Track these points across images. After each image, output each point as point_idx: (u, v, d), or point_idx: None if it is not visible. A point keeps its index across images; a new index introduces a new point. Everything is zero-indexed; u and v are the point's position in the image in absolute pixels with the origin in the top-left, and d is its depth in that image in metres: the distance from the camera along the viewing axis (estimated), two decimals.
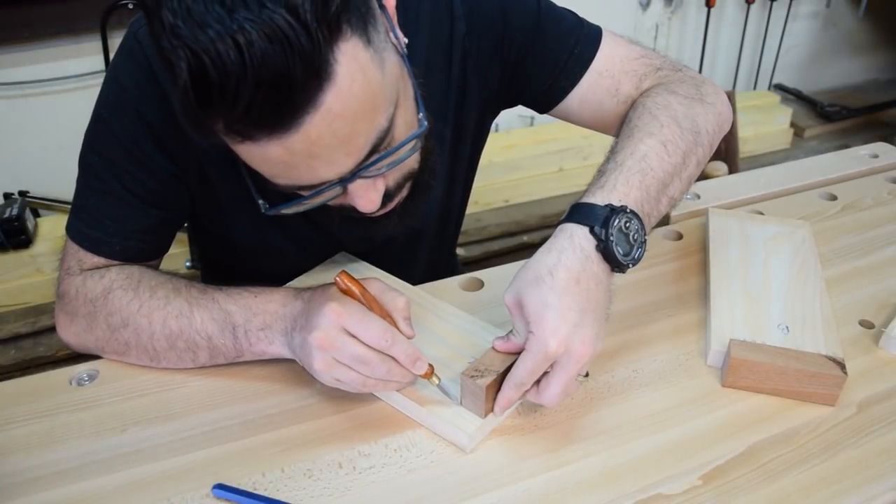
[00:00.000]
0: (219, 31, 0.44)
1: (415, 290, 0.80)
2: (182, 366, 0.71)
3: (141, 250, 0.75)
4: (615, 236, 0.60)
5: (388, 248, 0.87)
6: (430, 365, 0.63)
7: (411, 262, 0.94)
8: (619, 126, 0.77)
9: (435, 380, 0.63)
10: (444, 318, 0.75)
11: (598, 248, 0.61)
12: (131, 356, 0.72)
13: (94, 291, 0.71)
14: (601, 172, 0.67)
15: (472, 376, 0.61)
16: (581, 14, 0.82)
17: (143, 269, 0.73)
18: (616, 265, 0.62)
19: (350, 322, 0.59)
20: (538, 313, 0.58)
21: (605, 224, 0.60)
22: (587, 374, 0.64)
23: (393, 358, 0.60)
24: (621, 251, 0.61)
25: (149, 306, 0.69)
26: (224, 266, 0.96)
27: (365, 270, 0.83)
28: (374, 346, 0.59)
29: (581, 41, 0.79)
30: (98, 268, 0.73)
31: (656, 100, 0.74)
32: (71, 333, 0.74)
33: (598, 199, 0.63)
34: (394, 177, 0.63)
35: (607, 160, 0.69)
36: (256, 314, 0.66)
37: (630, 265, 0.63)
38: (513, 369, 0.60)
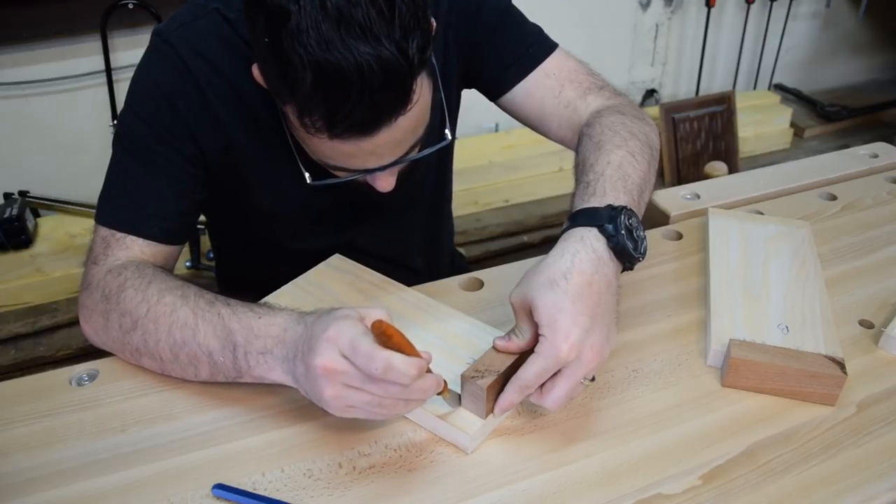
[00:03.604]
0: (344, 53, 0.55)
1: (411, 292, 0.79)
2: (186, 377, 0.69)
3: (176, 232, 0.79)
4: (624, 231, 0.63)
5: (389, 215, 0.94)
6: (444, 381, 0.61)
7: (411, 227, 1.01)
8: (564, 132, 0.88)
9: (447, 394, 0.62)
10: (441, 320, 0.75)
11: (609, 245, 0.63)
12: (144, 362, 0.70)
13: (109, 287, 0.71)
14: (585, 183, 0.72)
15: (473, 377, 0.61)
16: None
17: (156, 271, 0.72)
18: (628, 259, 0.65)
19: (343, 345, 0.56)
20: (551, 317, 0.59)
21: (613, 221, 0.64)
22: (593, 379, 0.64)
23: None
24: (630, 246, 0.64)
25: (155, 311, 0.67)
26: (237, 262, 1.04)
27: (359, 272, 0.83)
28: (365, 371, 0.55)
29: (537, 44, 0.88)
30: (119, 262, 0.73)
31: (611, 118, 0.81)
32: (91, 329, 0.74)
33: (595, 203, 0.67)
34: (408, 166, 0.74)
35: (585, 172, 0.74)
36: (258, 336, 0.63)
37: (640, 259, 0.65)
38: (519, 371, 0.60)
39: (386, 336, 0.55)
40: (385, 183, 0.73)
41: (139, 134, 0.75)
